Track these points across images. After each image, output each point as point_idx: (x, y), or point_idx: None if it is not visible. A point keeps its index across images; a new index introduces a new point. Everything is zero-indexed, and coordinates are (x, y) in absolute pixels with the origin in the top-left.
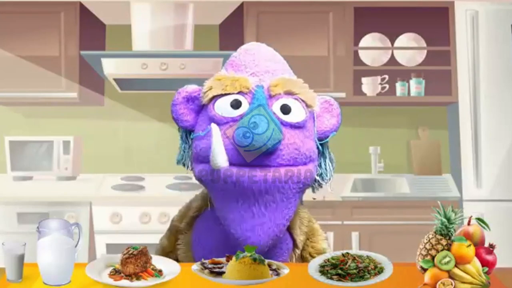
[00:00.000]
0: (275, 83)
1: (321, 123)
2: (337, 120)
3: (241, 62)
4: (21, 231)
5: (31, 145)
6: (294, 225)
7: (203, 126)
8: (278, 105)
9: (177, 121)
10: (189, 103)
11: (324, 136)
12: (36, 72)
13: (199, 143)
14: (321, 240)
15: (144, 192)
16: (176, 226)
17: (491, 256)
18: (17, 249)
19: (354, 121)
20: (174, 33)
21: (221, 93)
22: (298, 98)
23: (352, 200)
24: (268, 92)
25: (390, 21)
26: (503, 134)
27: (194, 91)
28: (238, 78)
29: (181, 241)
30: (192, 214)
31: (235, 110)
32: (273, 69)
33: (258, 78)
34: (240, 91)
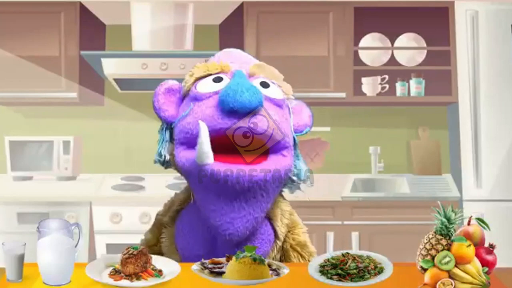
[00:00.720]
0: (253, 66)
1: (296, 118)
2: (309, 119)
3: (220, 58)
4: (21, 231)
5: (31, 145)
6: (275, 217)
7: (185, 109)
8: (258, 81)
9: (158, 111)
10: (170, 95)
11: (298, 130)
12: (36, 72)
13: (182, 122)
14: (302, 233)
15: (144, 192)
16: (160, 220)
17: (491, 256)
18: (17, 249)
19: (354, 121)
20: (174, 33)
21: (202, 75)
22: (275, 82)
23: (352, 200)
24: (247, 74)
25: (390, 21)
26: (503, 134)
27: (175, 84)
28: (219, 63)
29: (164, 234)
30: (176, 208)
31: (216, 83)
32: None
33: (238, 65)
34: (221, 71)
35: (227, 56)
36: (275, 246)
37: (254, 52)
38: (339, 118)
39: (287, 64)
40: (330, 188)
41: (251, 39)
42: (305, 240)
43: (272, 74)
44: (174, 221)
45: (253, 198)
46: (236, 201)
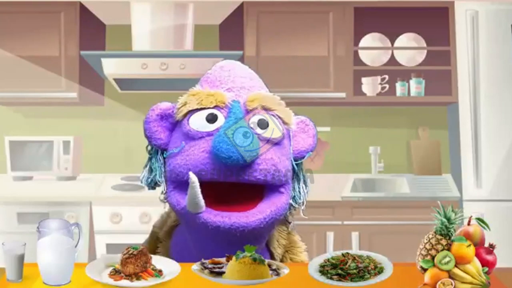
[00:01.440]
0: (252, 98)
1: (297, 143)
2: (313, 140)
3: (216, 78)
4: (21, 231)
5: (31, 145)
6: (271, 239)
7: (177, 143)
8: (255, 119)
9: (150, 139)
10: (163, 120)
11: (299, 156)
12: (36, 72)
13: (173, 160)
14: (299, 253)
15: (144, 192)
16: (156, 233)
17: (491, 256)
18: (17, 249)
19: (354, 121)
20: (174, 33)
21: (196, 107)
22: (275, 114)
23: (352, 200)
24: (245, 107)
25: (390, 21)
26: (503, 134)
27: (167, 108)
28: (213, 93)
29: (160, 249)
30: (171, 223)
31: (210, 124)
32: (249, 86)
33: (234, 93)
34: (216, 105)
35: (223, 76)
36: None
37: (254, 52)
38: (339, 118)
39: (287, 64)
40: (330, 188)
41: (251, 39)
42: (303, 260)
43: (272, 103)
44: (169, 236)
45: (246, 242)
46: (230, 247)
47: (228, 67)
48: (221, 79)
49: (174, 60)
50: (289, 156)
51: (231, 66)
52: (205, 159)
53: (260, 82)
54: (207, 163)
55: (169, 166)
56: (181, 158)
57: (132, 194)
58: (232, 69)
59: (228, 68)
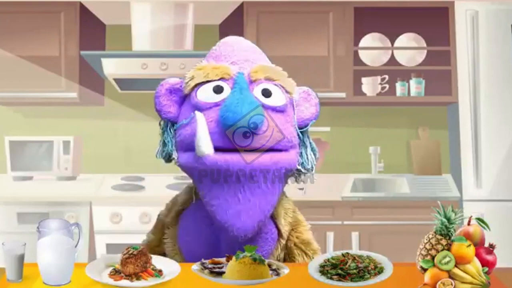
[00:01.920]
0: (255, 69)
1: (300, 111)
2: (315, 109)
3: (221, 53)
4: (21, 231)
5: (31, 145)
6: (279, 215)
7: (186, 115)
8: (259, 89)
9: (160, 112)
10: (172, 94)
11: (304, 124)
12: (36, 72)
13: (183, 130)
14: (305, 231)
15: (144, 192)
16: (162, 221)
17: (491, 256)
18: (17, 249)
19: (354, 121)
20: (174, 33)
21: (202, 80)
22: (278, 84)
23: (352, 200)
24: (249, 78)
25: (390, 21)
26: (503, 134)
27: (176, 83)
28: (219, 66)
29: (167, 235)
30: (178, 208)
31: (217, 95)
32: (252, 59)
33: (238, 66)
34: (221, 77)
35: (228, 50)
36: (279, 245)
37: None
38: (339, 118)
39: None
40: (330, 188)
41: (251, 39)
42: (309, 238)
43: (275, 74)
44: (176, 222)
45: (258, 189)
46: (240, 192)
47: (232, 42)
48: (225, 54)
49: (174, 60)
50: (294, 123)
51: (235, 41)
52: (213, 128)
53: (263, 55)
54: (215, 132)
55: (179, 136)
56: (191, 128)
57: (132, 194)
58: (236, 43)
59: (232, 43)
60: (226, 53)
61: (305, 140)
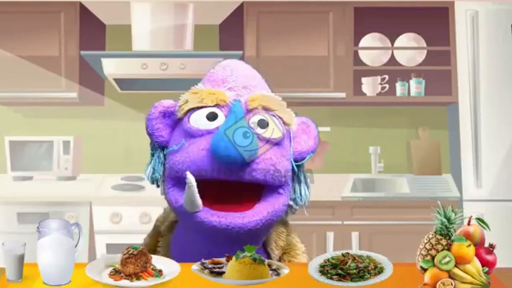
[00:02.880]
0: (253, 98)
1: (298, 144)
2: (314, 142)
3: (219, 77)
4: (21, 231)
5: (31, 145)
6: (269, 241)
7: (178, 141)
8: (256, 119)
9: (151, 136)
10: (165, 118)
11: (300, 157)
12: (36, 72)
13: (173, 157)
14: (298, 255)
15: (144, 192)
16: (158, 227)
17: (491, 256)
18: (17, 249)
19: (354, 121)
20: (174, 33)
21: (197, 105)
22: (276, 114)
23: (352, 200)
24: (245, 107)
25: (390, 21)
26: (503, 134)
27: (170, 106)
28: (215, 92)
29: (161, 243)
30: (173, 219)
31: (210, 122)
32: (251, 85)
33: (236, 92)
34: (216, 104)
35: (226, 75)
36: None
37: (254, 52)
38: (339, 118)
39: (287, 64)
40: (330, 188)
41: (251, 39)
42: (301, 262)
43: (274, 103)
44: (171, 231)
45: (244, 243)
46: (227, 246)
47: (231, 66)
48: (223, 78)
49: (174, 60)
50: (289, 157)
51: (234, 65)
52: (204, 157)
53: (262, 82)
54: (206, 161)
55: (169, 163)
56: (181, 155)
57: (132, 194)
58: (235, 68)
59: (231, 67)
60: (224, 78)
61: (299, 175)
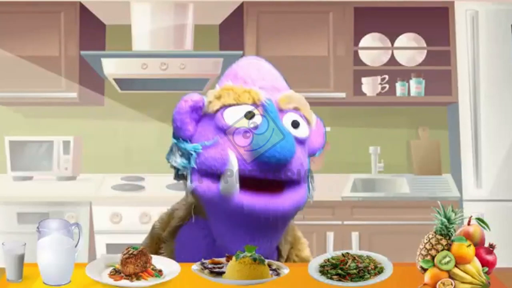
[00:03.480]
0: (283, 98)
1: (310, 141)
2: (323, 138)
3: (247, 75)
4: (21, 231)
5: (31, 145)
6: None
7: (208, 136)
8: (288, 119)
9: (179, 130)
10: (193, 113)
11: (312, 153)
12: (36, 72)
13: (205, 153)
14: (304, 248)
15: (144, 192)
16: (158, 234)
17: (491, 256)
18: (17, 249)
19: (354, 121)
20: (174, 33)
21: (232, 102)
22: (302, 114)
23: (352, 200)
24: (277, 106)
25: (390, 21)
26: (503, 134)
27: (199, 101)
28: (249, 90)
29: (164, 250)
30: (176, 224)
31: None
32: (278, 85)
33: (266, 92)
34: (253, 102)
35: (253, 73)
36: None
37: (254, 52)
38: (339, 118)
39: (287, 64)
40: (330, 188)
41: (251, 39)
42: (308, 255)
43: (301, 104)
44: (174, 237)
45: (274, 230)
46: (258, 232)
47: (256, 64)
48: (252, 76)
49: (174, 60)
50: (307, 154)
51: (259, 64)
52: (243, 154)
53: (284, 82)
54: (246, 159)
55: (200, 158)
56: (215, 151)
57: (132, 194)
58: (261, 67)
59: (257, 66)
60: (252, 75)
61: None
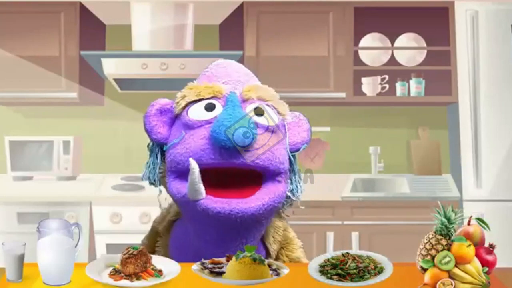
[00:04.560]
0: (248, 89)
1: (292, 135)
2: (307, 134)
3: (213, 74)
4: (21, 231)
5: (31, 145)
6: (267, 235)
7: (177, 135)
8: (251, 107)
9: (150, 133)
10: (162, 115)
11: (295, 148)
12: (36, 72)
13: (173, 150)
14: (295, 249)
15: (144, 192)
16: (156, 228)
17: (491, 256)
18: (17, 249)
19: (354, 121)
20: (174, 33)
21: (194, 99)
22: (270, 104)
23: (352, 200)
24: (241, 97)
25: (390, 21)
26: (503, 134)
27: (166, 104)
28: (211, 85)
29: (159, 243)
30: (170, 218)
31: (209, 112)
32: (245, 80)
33: (231, 86)
34: (213, 96)
35: (220, 71)
36: None
37: (254, 52)
38: (339, 118)
39: (287, 64)
40: (330, 188)
41: (251, 39)
42: (299, 256)
43: (267, 95)
44: (169, 231)
45: (246, 230)
46: (229, 233)
47: (224, 64)
48: (217, 74)
49: (174, 60)
50: (285, 146)
51: (227, 63)
52: (204, 145)
53: (255, 79)
54: (207, 148)
55: (170, 157)
56: (181, 147)
57: (132, 194)
58: (228, 65)
59: (224, 65)
60: (218, 74)
61: (294, 166)
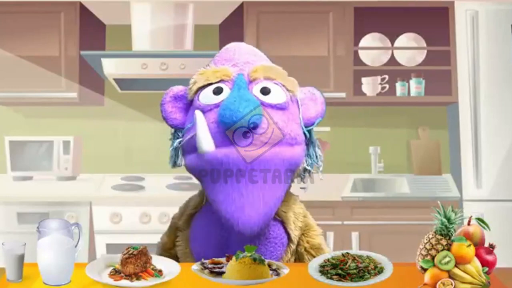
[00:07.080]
0: (254, 69)
1: (306, 110)
2: (322, 107)
3: (222, 58)
4: (21, 231)
5: (31, 145)
6: (288, 220)
7: (191, 119)
8: (258, 87)
9: (166, 119)
10: (177, 102)
11: (310, 122)
12: (36, 72)
13: (188, 134)
14: (316, 236)
15: (144, 192)
16: (175, 224)
17: (491, 256)
18: (17, 249)
19: (354, 121)
20: (174, 33)
21: (204, 84)
22: (278, 82)
23: (352, 200)
24: (248, 78)
25: (390, 21)
26: (503, 134)
27: (180, 91)
28: (219, 69)
29: (179, 238)
30: (190, 212)
31: (217, 96)
32: (252, 60)
33: (239, 68)
34: (221, 79)
35: (228, 55)
36: (289, 250)
37: None
38: (339, 118)
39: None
40: (330, 188)
41: (251, 39)
42: (320, 242)
43: (275, 73)
44: (189, 225)
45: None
46: (243, 185)
47: (233, 47)
48: (226, 58)
49: (174, 60)
50: (298, 121)
51: (236, 46)
52: (214, 129)
53: (264, 57)
54: (216, 132)
55: (184, 139)
56: (194, 129)
57: (132, 194)
58: (237, 47)
59: (233, 48)
60: (227, 57)
61: (312, 139)
